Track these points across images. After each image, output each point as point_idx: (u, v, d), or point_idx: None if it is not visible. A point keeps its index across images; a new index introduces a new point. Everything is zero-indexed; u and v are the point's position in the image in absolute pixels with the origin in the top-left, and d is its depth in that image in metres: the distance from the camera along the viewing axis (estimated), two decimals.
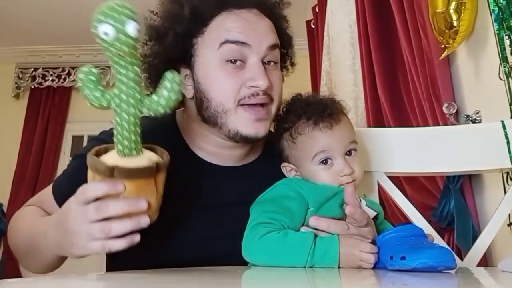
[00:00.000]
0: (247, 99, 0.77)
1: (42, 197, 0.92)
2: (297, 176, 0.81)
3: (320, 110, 0.77)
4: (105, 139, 0.83)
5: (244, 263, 0.72)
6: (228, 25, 0.78)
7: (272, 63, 0.80)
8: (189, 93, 0.83)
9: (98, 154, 0.65)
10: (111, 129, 0.65)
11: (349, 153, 0.78)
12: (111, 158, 0.63)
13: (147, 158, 0.63)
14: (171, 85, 0.61)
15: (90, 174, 0.64)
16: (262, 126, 0.78)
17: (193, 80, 0.82)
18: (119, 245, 0.61)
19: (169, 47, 0.81)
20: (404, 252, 0.61)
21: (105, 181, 0.61)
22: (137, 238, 0.61)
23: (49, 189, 0.90)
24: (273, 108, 0.80)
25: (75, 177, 0.87)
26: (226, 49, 0.76)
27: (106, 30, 0.56)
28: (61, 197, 0.87)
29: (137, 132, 0.62)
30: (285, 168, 0.82)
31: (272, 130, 0.84)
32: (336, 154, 0.76)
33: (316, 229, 0.72)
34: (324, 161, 0.76)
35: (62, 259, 0.78)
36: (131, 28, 0.57)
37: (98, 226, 0.61)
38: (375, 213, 0.79)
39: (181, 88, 0.62)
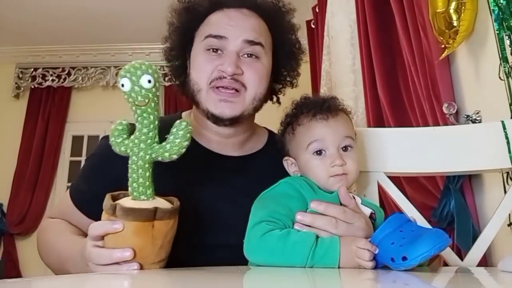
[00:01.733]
0: (216, 81, 0.86)
1: (63, 209, 0.97)
2: (296, 173, 0.83)
3: (320, 104, 0.81)
4: None
5: (243, 257, 0.72)
6: (212, 21, 0.90)
7: (253, 56, 0.88)
8: None
9: (120, 197, 0.70)
10: None
11: (345, 148, 0.79)
12: (122, 200, 0.68)
13: (152, 203, 0.66)
14: (176, 131, 0.67)
15: (103, 213, 0.69)
16: (228, 107, 0.87)
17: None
18: None
19: (175, 40, 0.94)
20: (402, 251, 0.61)
21: (105, 221, 0.67)
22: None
23: (67, 199, 0.94)
24: (247, 95, 0.88)
25: (90, 176, 0.92)
26: (208, 41, 0.88)
27: (123, 83, 0.66)
28: (80, 197, 0.92)
29: (146, 176, 0.67)
30: (286, 162, 0.85)
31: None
32: (330, 146, 0.78)
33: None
34: (318, 152, 0.78)
35: None
36: (144, 80, 0.65)
37: (96, 267, 0.67)
38: (370, 211, 0.79)
39: (187, 132, 0.67)
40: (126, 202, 0.66)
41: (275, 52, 0.94)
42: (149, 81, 0.65)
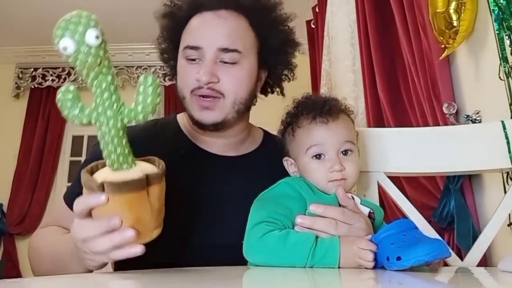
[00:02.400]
0: (196, 90, 0.87)
1: (55, 214, 0.95)
2: (296, 173, 0.82)
3: (320, 106, 0.80)
4: None
5: (242, 257, 0.72)
6: (191, 28, 0.90)
7: (229, 63, 0.87)
8: None
9: (94, 170, 0.64)
10: None
11: (344, 152, 0.78)
12: (102, 174, 0.61)
13: (139, 170, 0.61)
14: (145, 89, 0.59)
15: (85, 191, 0.63)
16: (209, 114, 0.87)
17: None
18: (119, 255, 0.62)
19: (164, 45, 0.97)
20: (399, 252, 0.61)
21: (89, 195, 0.61)
22: (135, 249, 0.61)
23: (60, 204, 0.92)
24: (226, 102, 0.87)
25: None
26: (186, 51, 0.89)
27: (65, 45, 0.56)
28: (73, 199, 0.89)
29: (123, 144, 0.60)
30: (286, 162, 0.84)
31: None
32: (329, 150, 0.77)
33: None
34: (318, 156, 0.77)
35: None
36: (90, 37, 0.55)
37: (84, 245, 0.63)
38: (369, 210, 0.79)
39: (157, 88, 0.59)
40: (110, 175, 0.60)
41: (262, 48, 0.93)
42: (97, 37, 0.55)
